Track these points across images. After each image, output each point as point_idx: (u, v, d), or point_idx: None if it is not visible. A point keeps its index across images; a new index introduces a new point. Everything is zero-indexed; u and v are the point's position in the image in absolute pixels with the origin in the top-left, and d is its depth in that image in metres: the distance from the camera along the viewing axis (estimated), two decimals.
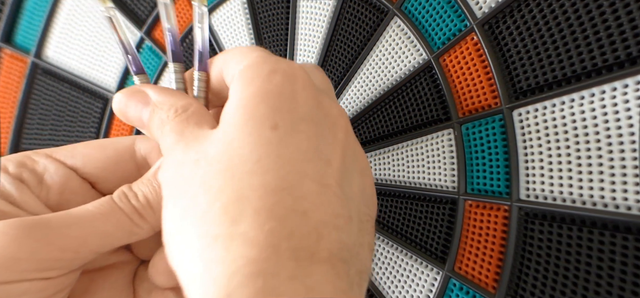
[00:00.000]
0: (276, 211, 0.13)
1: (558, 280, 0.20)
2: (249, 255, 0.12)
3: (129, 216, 0.16)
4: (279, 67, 0.16)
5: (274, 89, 0.15)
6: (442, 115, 0.25)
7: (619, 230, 0.19)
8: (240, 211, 0.13)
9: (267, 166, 0.13)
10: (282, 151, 0.14)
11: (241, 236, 0.12)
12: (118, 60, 0.39)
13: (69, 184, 0.18)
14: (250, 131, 0.14)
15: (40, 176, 0.18)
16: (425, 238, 0.26)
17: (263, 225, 0.13)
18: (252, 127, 0.14)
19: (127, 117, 0.18)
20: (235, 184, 0.13)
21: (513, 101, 0.22)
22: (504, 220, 0.22)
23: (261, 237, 0.12)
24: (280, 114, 0.15)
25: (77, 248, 0.15)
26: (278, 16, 0.32)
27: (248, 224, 0.13)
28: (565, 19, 0.20)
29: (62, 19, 0.42)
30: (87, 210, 0.16)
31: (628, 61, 0.19)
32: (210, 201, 0.13)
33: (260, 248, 0.12)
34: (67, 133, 0.42)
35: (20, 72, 0.43)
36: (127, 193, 0.17)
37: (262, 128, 0.14)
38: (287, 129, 0.14)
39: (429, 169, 0.26)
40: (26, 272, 0.14)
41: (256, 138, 0.14)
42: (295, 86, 0.15)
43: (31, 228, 0.14)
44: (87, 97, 0.41)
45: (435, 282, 0.25)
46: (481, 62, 0.23)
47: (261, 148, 0.14)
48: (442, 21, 0.25)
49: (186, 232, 0.14)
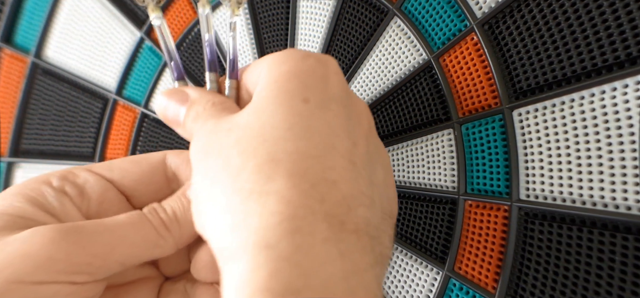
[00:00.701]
0: (309, 175, 0.13)
1: (558, 280, 0.20)
2: (286, 211, 0.12)
3: (155, 228, 0.17)
4: (311, 54, 0.16)
5: (306, 69, 0.15)
6: (442, 115, 0.25)
7: (619, 230, 0.19)
8: (274, 171, 0.13)
9: (298, 134, 0.14)
10: (313, 122, 0.14)
11: (276, 193, 0.13)
12: (118, 60, 0.39)
13: (107, 195, 0.19)
14: (281, 102, 0.14)
15: (81, 188, 0.18)
16: (425, 238, 0.26)
17: (297, 185, 0.13)
18: (284, 98, 0.15)
19: (166, 116, 0.19)
20: (269, 147, 0.14)
21: (513, 101, 0.22)
22: (503, 220, 0.22)
23: (296, 197, 0.13)
24: (312, 90, 0.15)
25: (105, 255, 0.16)
26: (278, 16, 0.32)
27: (283, 183, 0.13)
28: (565, 19, 0.20)
29: (62, 19, 0.42)
30: (118, 219, 0.17)
31: (628, 61, 0.19)
32: (244, 160, 0.14)
33: (296, 206, 0.12)
34: (67, 133, 0.42)
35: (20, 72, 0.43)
36: (157, 208, 0.18)
37: (294, 100, 0.15)
38: (318, 104, 0.15)
39: (429, 169, 0.26)
40: (59, 273, 0.14)
41: (288, 108, 0.14)
42: (327, 70, 0.16)
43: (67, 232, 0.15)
44: (87, 97, 0.41)
45: (435, 282, 0.25)
46: (481, 62, 0.23)
47: (293, 117, 0.14)
48: (442, 21, 0.25)
49: (218, 192, 0.14)
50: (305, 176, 0.13)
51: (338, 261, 0.12)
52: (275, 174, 0.13)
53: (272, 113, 0.14)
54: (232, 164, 0.14)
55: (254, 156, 0.14)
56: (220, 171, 0.14)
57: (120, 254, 0.16)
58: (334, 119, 0.15)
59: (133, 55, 0.38)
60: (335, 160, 0.14)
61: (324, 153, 0.14)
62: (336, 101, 0.15)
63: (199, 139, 0.16)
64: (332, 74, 0.16)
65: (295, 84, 0.15)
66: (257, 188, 0.13)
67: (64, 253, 0.15)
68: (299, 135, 0.14)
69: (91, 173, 0.19)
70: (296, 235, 0.12)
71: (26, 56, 0.43)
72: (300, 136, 0.14)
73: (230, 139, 0.15)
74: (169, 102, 0.18)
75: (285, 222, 0.12)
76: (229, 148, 0.14)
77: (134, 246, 0.16)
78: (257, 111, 0.15)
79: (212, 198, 0.14)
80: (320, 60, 0.16)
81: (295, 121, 0.14)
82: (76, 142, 0.41)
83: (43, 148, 0.43)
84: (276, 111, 0.14)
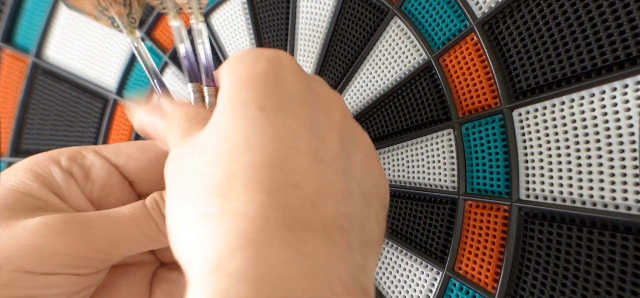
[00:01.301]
0: (266, 185, 0.13)
1: (558, 280, 0.20)
2: (239, 227, 0.12)
3: (157, 224, 0.17)
4: (263, 55, 0.16)
5: (258, 74, 0.15)
6: (442, 115, 0.25)
7: (618, 230, 0.19)
8: (230, 189, 0.13)
9: (255, 145, 0.14)
10: (270, 129, 0.14)
11: (232, 211, 0.12)
12: (118, 60, 0.39)
13: (110, 180, 0.19)
14: (236, 115, 0.14)
15: (87, 171, 0.19)
16: (425, 238, 0.26)
17: (253, 199, 0.13)
18: (238, 110, 0.14)
19: (145, 132, 0.19)
20: (225, 165, 0.13)
21: (513, 101, 0.22)
22: (503, 220, 0.22)
23: (252, 210, 0.12)
24: (266, 95, 0.14)
25: (109, 250, 0.16)
26: (278, 16, 0.32)
27: (239, 200, 0.13)
28: (565, 19, 0.20)
29: (62, 19, 0.42)
30: (123, 214, 0.17)
31: (628, 61, 0.19)
32: (205, 183, 0.13)
33: (250, 219, 0.12)
34: (67, 133, 0.42)
35: (20, 72, 0.43)
36: (159, 201, 0.18)
37: (248, 110, 0.14)
38: (274, 108, 0.14)
39: (428, 169, 0.26)
40: (65, 266, 0.15)
41: (243, 120, 0.14)
42: (281, 71, 0.15)
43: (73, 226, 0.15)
44: (87, 97, 0.41)
45: (435, 282, 0.25)
46: (481, 62, 0.23)
47: (248, 128, 0.14)
48: (442, 21, 0.25)
49: (183, 219, 0.14)
50: (262, 186, 0.13)
51: (296, 262, 0.12)
52: (232, 192, 0.13)
53: (228, 128, 0.14)
54: (195, 188, 0.14)
55: (212, 178, 0.13)
56: (186, 196, 0.14)
57: (123, 248, 0.17)
58: (294, 121, 0.14)
59: (133, 55, 0.38)
60: (297, 162, 0.14)
61: (283, 157, 0.13)
62: (295, 100, 0.15)
63: (170, 158, 0.16)
64: (288, 73, 0.15)
65: (248, 93, 0.14)
66: (215, 210, 0.13)
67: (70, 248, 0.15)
68: (255, 146, 0.13)
69: (98, 156, 0.19)
70: (248, 249, 0.12)
71: (26, 56, 0.43)
72: (257, 146, 0.13)
73: (192, 161, 0.14)
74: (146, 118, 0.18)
75: (238, 238, 0.12)
76: (190, 172, 0.14)
77: (137, 241, 0.17)
78: (214, 127, 0.15)
79: (178, 222, 0.14)
80: (272, 60, 0.15)
81: (251, 132, 0.14)
82: (76, 142, 0.41)
83: (43, 148, 0.43)
84: (232, 125, 0.14)
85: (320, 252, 0.12)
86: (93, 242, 0.16)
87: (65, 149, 0.19)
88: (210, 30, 0.35)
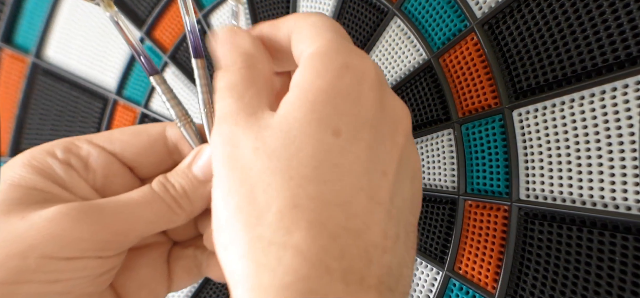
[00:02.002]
0: (330, 227, 0.13)
1: (558, 280, 0.20)
2: (300, 270, 0.12)
3: (168, 205, 0.18)
4: (351, 63, 0.15)
5: (343, 89, 0.14)
6: (442, 115, 0.25)
7: (618, 230, 0.19)
8: (295, 220, 0.13)
9: (324, 176, 0.13)
10: (341, 160, 0.14)
11: (294, 247, 0.12)
12: (118, 60, 0.39)
13: (111, 168, 0.19)
14: (312, 133, 0.14)
15: (85, 161, 0.19)
16: (425, 238, 0.26)
17: (316, 240, 0.12)
18: (315, 129, 0.14)
19: (216, 52, 0.18)
20: (293, 189, 0.13)
21: (513, 101, 0.22)
22: (503, 220, 0.22)
23: (314, 253, 0.12)
24: (344, 118, 0.14)
25: (126, 232, 0.17)
26: (278, 16, 0.32)
27: (301, 236, 0.12)
28: (565, 19, 0.20)
29: (62, 19, 0.42)
30: (133, 198, 0.17)
31: (628, 61, 0.19)
32: (268, 201, 0.13)
33: (312, 265, 0.12)
34: (67, 133, 0.42)
35: (20, 72, 0.43)
36: (165, 184, 0.18)
37: (325, 133, 0.14)
38: (348, 137, 0.14)
39: (429, 169, 0.26)
40: (85, 249, 0.16)
41: (317, 142, 0.14)
42: (362, 87, 0.15)
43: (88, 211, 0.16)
44: (87, 97, 0.41)
45: (435, 282, 0.25)
46: (481, 62, 0.23)
47: (321, 154, 0.14)
48: (442, 21, 0.25)
49: (238, 229, 0.14)
50: (326, 228, 0.13)
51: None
52: (296, 225, 0.13)
53: (301, 145, 0.14)
54: (257, 201, 0.13)
55: (278, 197, 0.13)
56: (244, 204, 0.14)
57: (139, 230, 0.17)
58: (364, 152, 0.14)
59: (133, 56, 0.38)
60: (359, 205, 0.13)
61: (348, 198, 0.13)
62: (367, 126, 0.14)
63: (226, 137, 0.15)
64: (367, 91, 0.15)
65: (328, 111, 0.14)
66: (276, 238, 0.13)
67: (89, 232, 0.16)
68: (325, 178, 0.13)
69: (93, 146, 0.19)
70: (307, 294, 0.12)
71: (26, 56, 0.43)
72: (327, 179, 0.13)
73: (256, 168, 0.14)
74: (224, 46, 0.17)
75: (299, 283, 0.12)
76: (254, 178, 0.14)
77: (151, 222, 0.17)
78: (287, 138, 0.14)
79: (232, 229, 0.14)
80: (357, 74, 0.15)
81: (324, 159, 0.13)
82: None
83: None
84: (305, 143, 0.14)
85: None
86: (110, 225, 0.16)
87: (56, 141, 0.19)
88: (211, 30, 0.35)
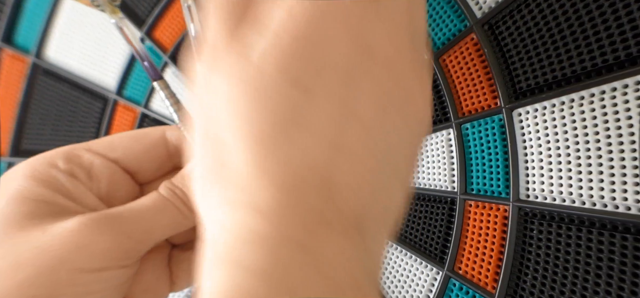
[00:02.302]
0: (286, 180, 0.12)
1: (557, 280, 0.20)
2: (256, 221, 0.12)
3: (180, 211, 0.18)
4: None
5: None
6: (441, 115, 0.25)
7: (618, 230, 0.19)
8: (256, 179, 0.12)
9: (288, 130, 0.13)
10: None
11: (251, 205, 0.12)
12: (118, 60, 0.39)
13: (114, 177, 0.19)
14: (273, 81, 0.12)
15: (88, 170, 0.19)
16: (425, 238, 0.26)
17: (274, 195, 0.12)
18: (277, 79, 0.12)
19: None
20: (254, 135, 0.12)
21: (513, 101, 0.22)
22: (503, 220, 0.22)
23: (271, 206, 0.12)
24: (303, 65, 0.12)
25: (146, 240, 0.17)
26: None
27: (260, 195, 0.12)
28: (565, 19, 0.20)
29: (62, 19, 0.42)
30: (147, 205, 0.17)
31: (628, 61, 0.19)
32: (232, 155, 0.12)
33: (267, 216, 0.12)
34: (67, 133, 0.42)
35: (20, 72, 0.43)
36: (174, 189, 0.18)
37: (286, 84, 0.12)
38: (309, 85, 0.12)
39: (428, 169, 0.26)
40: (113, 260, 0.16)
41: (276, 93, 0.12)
42: None
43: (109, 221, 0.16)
44: (87, 97, 0.41)
45: (435, 282, 0.25)
46: (481, 62, 0.23)
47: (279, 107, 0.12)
48: (442, 21, 0.25)
49: (206, 181, 0.13)
50: (283, 182, 0.12)
51: (312, 265, 0.11)
52: (255, 183, 0.12)
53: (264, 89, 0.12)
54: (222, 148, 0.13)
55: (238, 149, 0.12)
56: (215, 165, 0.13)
57: (157, 236, 0.17)
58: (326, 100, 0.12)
59: (133, 55, 0.38)
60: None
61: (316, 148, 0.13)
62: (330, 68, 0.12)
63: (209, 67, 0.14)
64: None
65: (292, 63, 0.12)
66: (238, 197, 0.12)
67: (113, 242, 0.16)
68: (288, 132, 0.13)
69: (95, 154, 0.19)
70: (264, 245, 0.11)
71: (27, 56, 0.43)
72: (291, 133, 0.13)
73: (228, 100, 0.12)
74: None
75: (254, 233, 0.12)
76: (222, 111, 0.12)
77: (166, 228, 0.18)
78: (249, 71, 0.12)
79: (204, 198, 0.14)
80: None
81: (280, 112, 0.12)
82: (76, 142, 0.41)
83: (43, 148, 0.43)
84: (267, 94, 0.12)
85: (337, 256, 0.12)
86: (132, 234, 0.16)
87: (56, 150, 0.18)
88: None
